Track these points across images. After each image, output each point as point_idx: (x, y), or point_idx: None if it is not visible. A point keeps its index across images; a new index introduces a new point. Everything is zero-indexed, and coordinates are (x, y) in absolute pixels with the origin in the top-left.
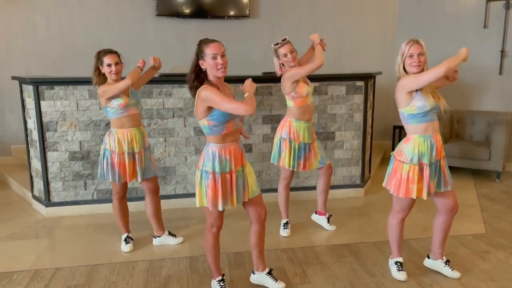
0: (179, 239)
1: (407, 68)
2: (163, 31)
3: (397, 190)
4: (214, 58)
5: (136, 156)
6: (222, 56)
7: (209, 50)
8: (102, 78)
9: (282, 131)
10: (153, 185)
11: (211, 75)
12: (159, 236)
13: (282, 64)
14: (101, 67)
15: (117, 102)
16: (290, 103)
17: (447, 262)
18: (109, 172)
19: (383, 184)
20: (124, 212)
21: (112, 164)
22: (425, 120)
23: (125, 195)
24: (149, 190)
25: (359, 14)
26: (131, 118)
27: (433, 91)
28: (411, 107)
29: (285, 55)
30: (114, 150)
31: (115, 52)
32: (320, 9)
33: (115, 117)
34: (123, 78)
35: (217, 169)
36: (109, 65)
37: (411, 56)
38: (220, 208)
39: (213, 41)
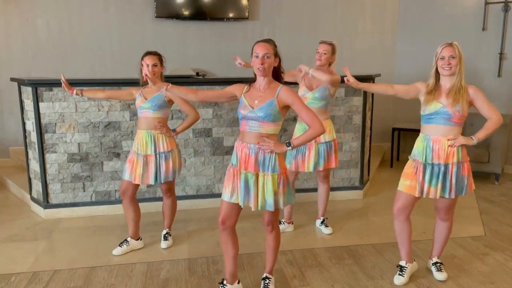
0: (164, 243)
1: (439, 70)
2: (162, 33)
3: None
4: (256, 56)
5: (142, 158)
6: (266, 57)
7: (254, 49)
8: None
9: None
10: (165, 187)
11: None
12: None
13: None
14: (141, 67)
15: (135, 101)
16: None
17: (436, 263)
18: (125, 167)
19: None
20: (127, 213)
21: (129, 160)
22: (429, 122)
23: (126, 194)
24: (161, 190)
25: (358, 17)
26: (144, 120)
27: (455, 94)
28: (421, 108)
29: (317, 52)
30: (133, 147)
31: (156, 54)
32: (320, 11)
33: (138, 115)
34: (167, 81)
35: (232, 159)
36: (147, 65)
37: (442, 58)
38: (223, 196)
39: (262, 41)
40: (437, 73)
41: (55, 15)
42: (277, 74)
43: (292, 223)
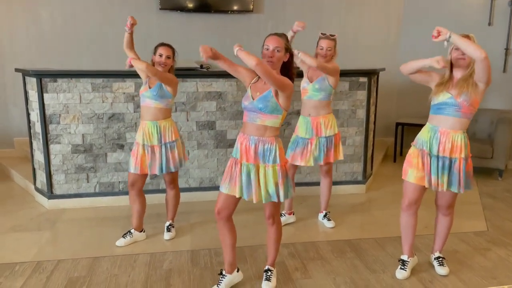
0: (167, 235)
1: (453, 61)
2: (166, 25)
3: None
4: (267, 49)
5: (149, 149)
6: (277, 51)
7: (266, 41)
8: None
9: None
10: (169, 178)
11: None
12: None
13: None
14: (153, 57)
15: (141, 87)
16: None
17: (438, 258)
18: (130, 160)
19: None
20: (133, 205)
21: (133, 152)
22: (437, 113)
23: (135, 187)
24: (165, 181)
25: (363, 10)
26: (146, 109)
27: (462, 83)
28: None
29: (322, 48)
30: (136, 138)
31: (171, 48)
32: (324, 4)
33: (140, 104)
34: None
35: (233, 152)
36: (160, 55)
37: (457, 49)
38: (221, 187)
39: (275, 34)
40: (451, 65)
41: (59, 7)
42: (287, 70)
43: (293, 214)
